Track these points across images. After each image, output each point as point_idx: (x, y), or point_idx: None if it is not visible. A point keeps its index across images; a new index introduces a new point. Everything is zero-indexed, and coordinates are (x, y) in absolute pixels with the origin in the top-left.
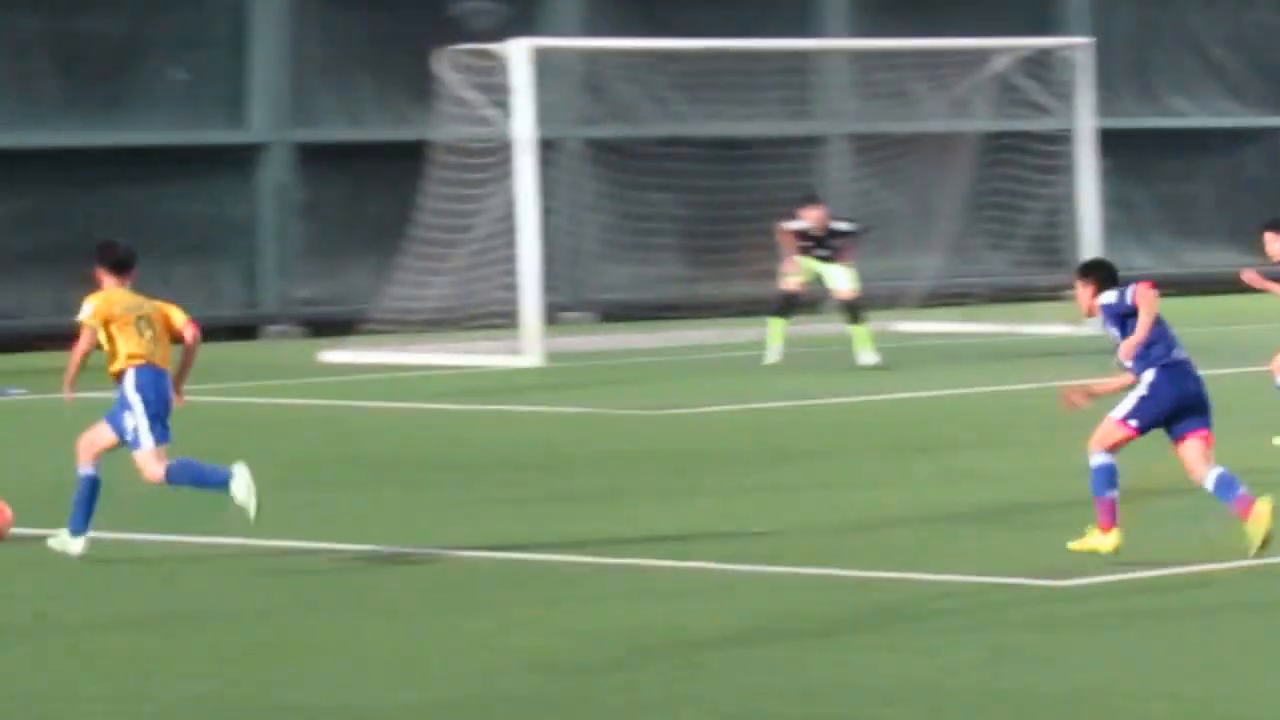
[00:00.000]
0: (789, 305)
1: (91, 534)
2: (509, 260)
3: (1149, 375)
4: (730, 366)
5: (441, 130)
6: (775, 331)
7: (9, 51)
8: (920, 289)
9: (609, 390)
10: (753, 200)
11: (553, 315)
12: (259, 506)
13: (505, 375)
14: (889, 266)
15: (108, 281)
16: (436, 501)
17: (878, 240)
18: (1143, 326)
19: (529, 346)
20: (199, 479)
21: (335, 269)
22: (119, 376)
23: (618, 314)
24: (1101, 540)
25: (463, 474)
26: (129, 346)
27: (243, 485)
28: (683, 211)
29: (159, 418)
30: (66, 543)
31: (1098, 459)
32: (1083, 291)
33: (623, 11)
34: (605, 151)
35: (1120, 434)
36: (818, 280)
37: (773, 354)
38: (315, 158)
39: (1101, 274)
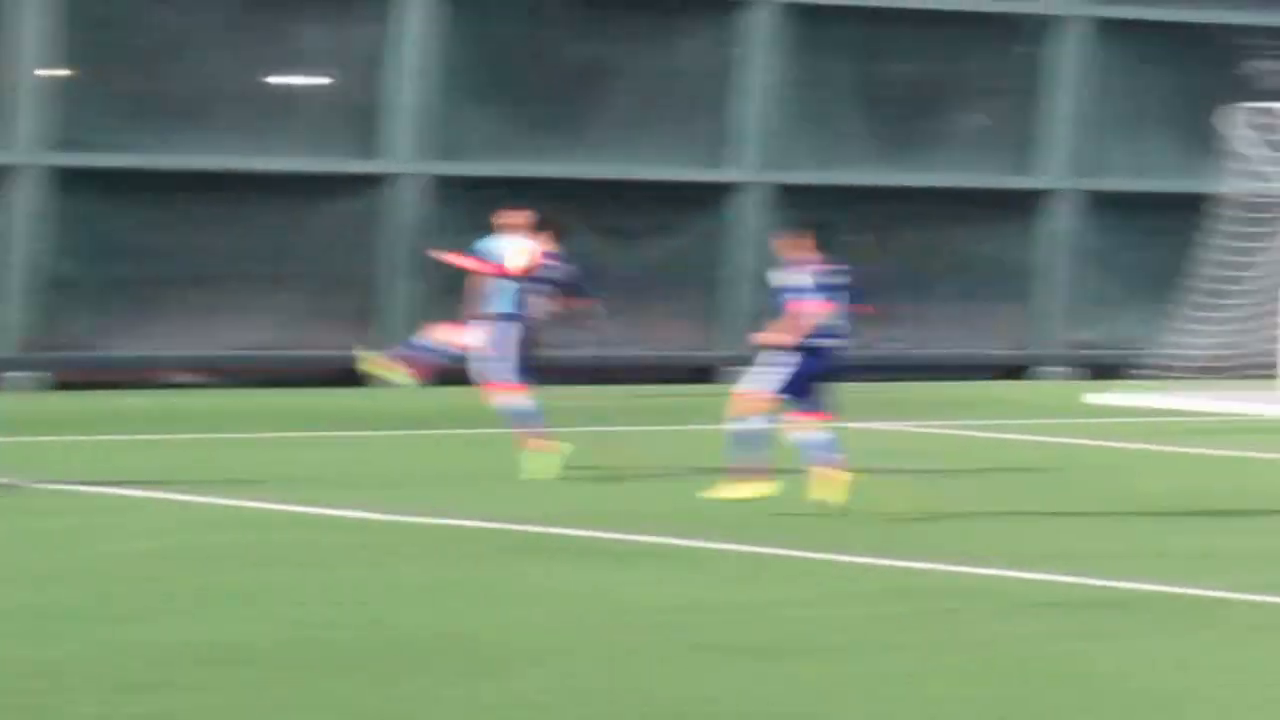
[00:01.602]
0: None
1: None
2: (1274, 314)
3: None
4: None
5: (1224, 184)
6: None
7: (817, 92)
8: None
9: None
10: None
11: None
12: None
13: (1258, 423)
14: None
15: None
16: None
17: None
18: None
19: None
20: None
21: (1110, 315)
22: None
23: None
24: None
25: (1178, 515)
26: None
27: None
28: None
29: None
30: None
31: None
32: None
33: None
34: None
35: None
36: None
37: None
38: (1100, 205)
39: (818, 235)
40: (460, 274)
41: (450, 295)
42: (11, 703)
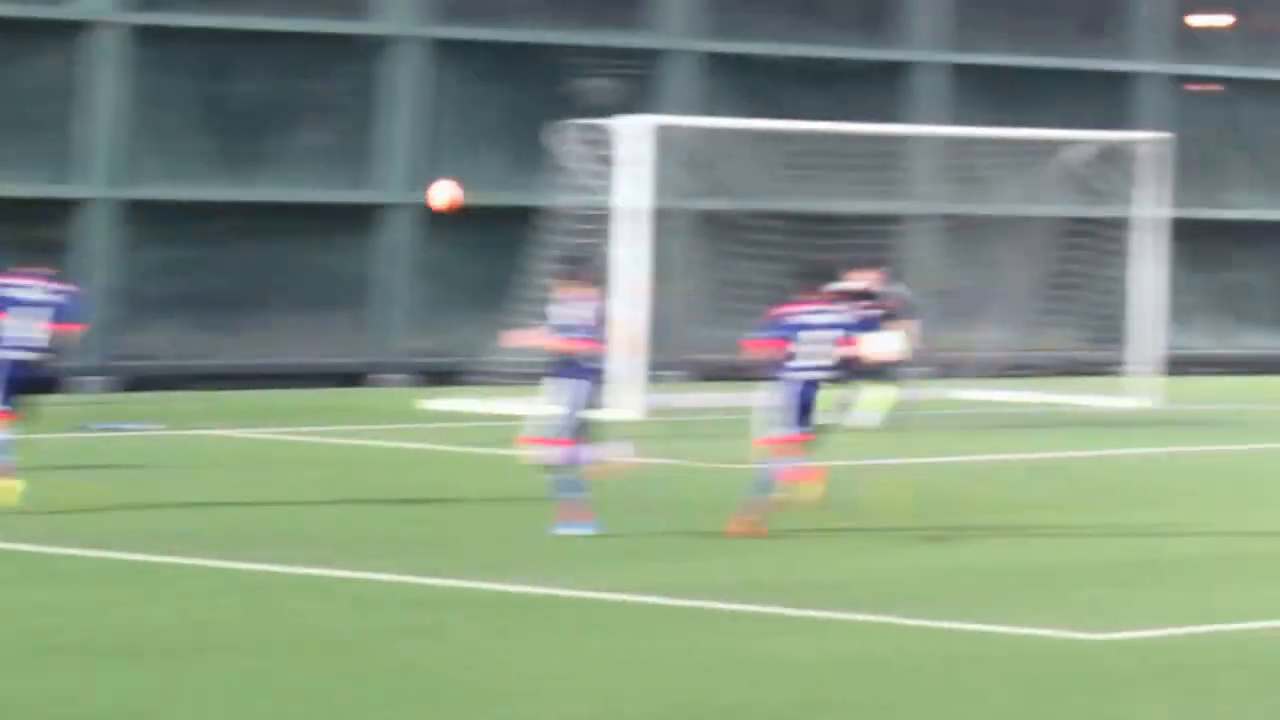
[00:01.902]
0: None
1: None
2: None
3: None
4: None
5: (553, 197)
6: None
7: (163, 111)
8: (986, 361)
9: (695, 443)
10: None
11: (653, 373)
12: None
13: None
14: (962, 339)
15: None
16: (480, 535)
17: (953, 313)
18: None
19: (629, 401)
20: None
21: (445, 324)
22: None
23: (713, 374)
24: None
25: (513, 512)
26: None
27: None
28: (768, 279)
29: None
30: None
31: None
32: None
33: (736, 92)
34: (708, 222)
35: None
36: None
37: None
38: (433, 218)
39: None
40: None
41: None
42: None
